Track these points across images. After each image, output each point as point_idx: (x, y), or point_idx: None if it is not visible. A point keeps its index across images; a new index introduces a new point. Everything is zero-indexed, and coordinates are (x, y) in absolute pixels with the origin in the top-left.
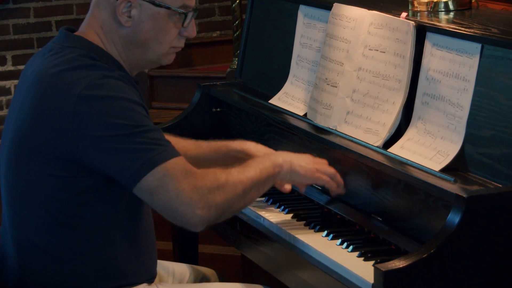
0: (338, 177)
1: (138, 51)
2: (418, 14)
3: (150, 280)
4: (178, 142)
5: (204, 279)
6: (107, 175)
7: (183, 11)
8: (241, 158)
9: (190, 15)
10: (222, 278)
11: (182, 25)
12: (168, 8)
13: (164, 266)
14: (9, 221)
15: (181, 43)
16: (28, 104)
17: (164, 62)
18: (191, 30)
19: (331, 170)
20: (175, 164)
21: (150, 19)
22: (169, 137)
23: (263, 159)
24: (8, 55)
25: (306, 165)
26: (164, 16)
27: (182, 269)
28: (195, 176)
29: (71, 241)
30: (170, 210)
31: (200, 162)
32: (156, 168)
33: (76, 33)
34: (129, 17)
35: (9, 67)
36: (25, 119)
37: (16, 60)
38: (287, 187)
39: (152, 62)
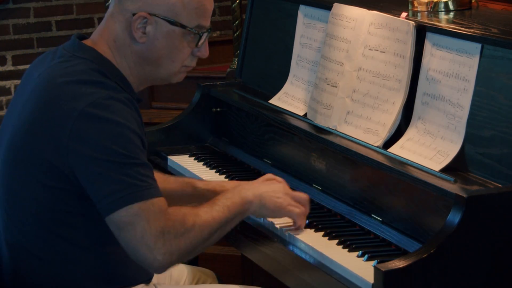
0: (308, 210)
1: (149, 68)
2: (418, 14)
3: (147, 281)
4: None
5: (201, 280)
6: None
7: (198, 31)
8: (209, 197)
9: (204, 35)
10: (221, 280)
11: (196, 45)
12: (184, 27)
13: None
14: (3, 226)
15: (193, 63)
16: (30, 109)
17: (174, 80)
18: (204, 50)
19: (305, 198)
20: (151, 205)
21: (165, 37)
22: None
23: (233, 195)
24: (8, 55)
25: (277, 199)
26: (179, 35)
27: (179, 270)
28: (166, 219)
29: (64, 248)
30: (133, 250)
31: (166, 196)
32: (131, 205)
33: (87, 40)
34: (144, 33)
35: (9, 67)
36: (24, 125)
37: (16, 60)
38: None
39: (162, 79)
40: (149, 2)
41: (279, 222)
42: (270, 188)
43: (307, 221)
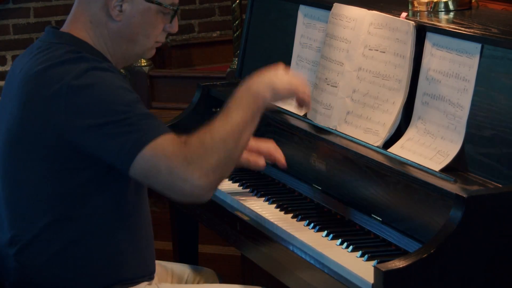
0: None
1: (126, 45)
2: (418, 14)
3: (150, 276)
4: None
5: (202, 279)
6: (105, 165)
7: (173, 7)
8: None
9: (176, 12)
10: (222, 279)
11: (170, 21)
12: (159, 4)
13: (163, 266)
14: (7, 221)
15: (163, 38)
16: (19, 103)
17: (147, 55)
18: (175, 26)
19: (302, 79)
20: (163, 141)
21: (141, 14)
22: None
23: (242, 94)
24: (8, 55)
25: (282, 78)
26: (154, 11)
27: (180, 269)
28: (183, 147)
29: (71, 236)
30: (169, 189)
31: None
32: (144, 149)
33: (61, 28)
34: (121, 11)
35: (9, 66)
36: (17, 117)
37: None
38: (261, 162)
39: (137, 55)
40: None
41: (279, 222)
42: (274, 73)
43: (307, 221)
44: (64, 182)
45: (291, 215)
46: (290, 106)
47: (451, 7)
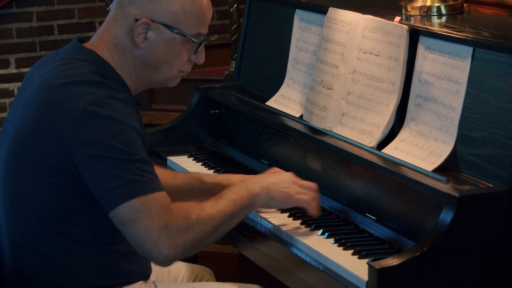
0: (318, 197)
1: (148, 72)
2: (411, 18)
3: (146, 277)
4: (156, 170)
5: (199, 277)
6: None
7: (197, 39)
8: (216, 191)
9: (203, 43)
10: (218, 278)
11: (195, 52)
12: (184, 35)
13: None
14: (5, 223)
15: (189, 68)
16: (32, 110)
17: (170, 84)
18: (201, 57)
19: (313, 187)
20: (153, 200)
21: (165, 43)
22: None
23: (239, 189)
24: (12, 58)
25: (284, 189)
26: (179, 41)
27: (177, 267)
28: (169, 214)
29: (65, 244)
30: (138, 245)
31: (174, 193)
32: (132, 200)
33: (87, 43)
34: (145, 38)
35: (12, 69)
36: (27, 124)
37: (19, 63)
38: None
39: (159, 83)
40: (152, 9)
41: (276, 221)
42: (277, 179)
43: (303, 220)
44: (57, 195)
45: (287, 214)
46: (287, 108)
47: (443, 11)
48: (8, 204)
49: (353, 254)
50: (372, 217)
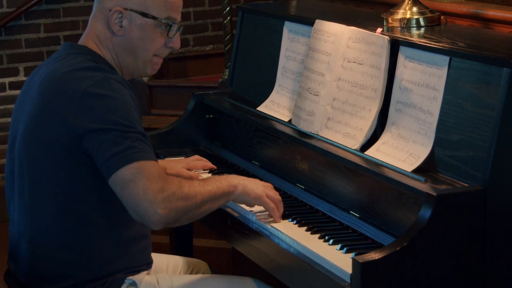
0: (281, 204)
1: (128, 58)
2: (392, 29)
3: (148, 265)
4: None
5: (195, 270)
6: None
7: (167, 22)
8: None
9: (175, 27)
10: (213, 270)
11: (167, 34)
12: (154, 18)
13: (159, 258)
14: (20, 215)
15: (165, 53)
16: (39, 101)
17: (149, 71)
18: (176, 42)
19: (278, 196)
20: (150, 166)
21: (139, 29)
22: None
23: (220, 178)
24: (21, 66)
25: (256, 189)
26: (151, 26)
27: (175, 261)
28: (165, 180)
29: (79, 227)
30: (135, 205)
31: None
32: (132, 163)
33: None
34: (121, 26)
35: (21, 77)
36: (35, 113)
37: (28, 71)
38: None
39: (139, 70)
40: None
41: (265, 218)
42: (253, 181)
43: (291, 218)
44: (71, 174)
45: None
46: (276, 113)
47: (422, 23)
48: (25, 196)
49: (338, 249)
50: (356, 214)
